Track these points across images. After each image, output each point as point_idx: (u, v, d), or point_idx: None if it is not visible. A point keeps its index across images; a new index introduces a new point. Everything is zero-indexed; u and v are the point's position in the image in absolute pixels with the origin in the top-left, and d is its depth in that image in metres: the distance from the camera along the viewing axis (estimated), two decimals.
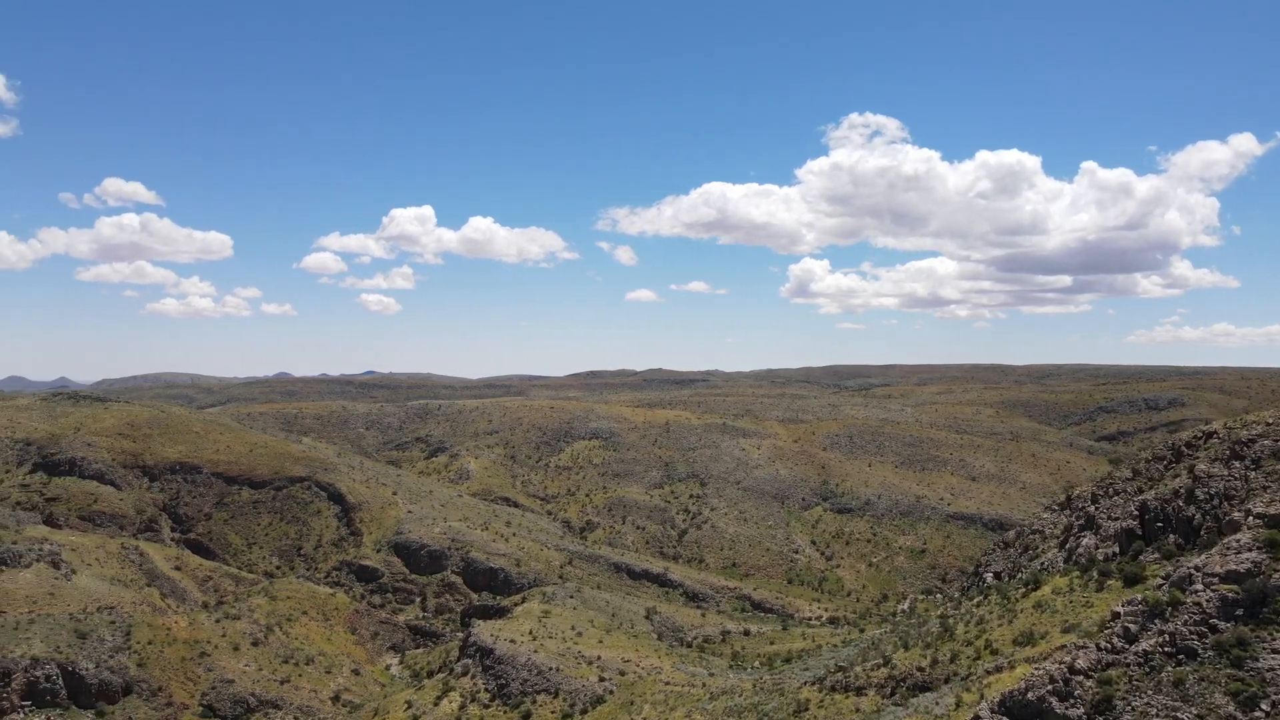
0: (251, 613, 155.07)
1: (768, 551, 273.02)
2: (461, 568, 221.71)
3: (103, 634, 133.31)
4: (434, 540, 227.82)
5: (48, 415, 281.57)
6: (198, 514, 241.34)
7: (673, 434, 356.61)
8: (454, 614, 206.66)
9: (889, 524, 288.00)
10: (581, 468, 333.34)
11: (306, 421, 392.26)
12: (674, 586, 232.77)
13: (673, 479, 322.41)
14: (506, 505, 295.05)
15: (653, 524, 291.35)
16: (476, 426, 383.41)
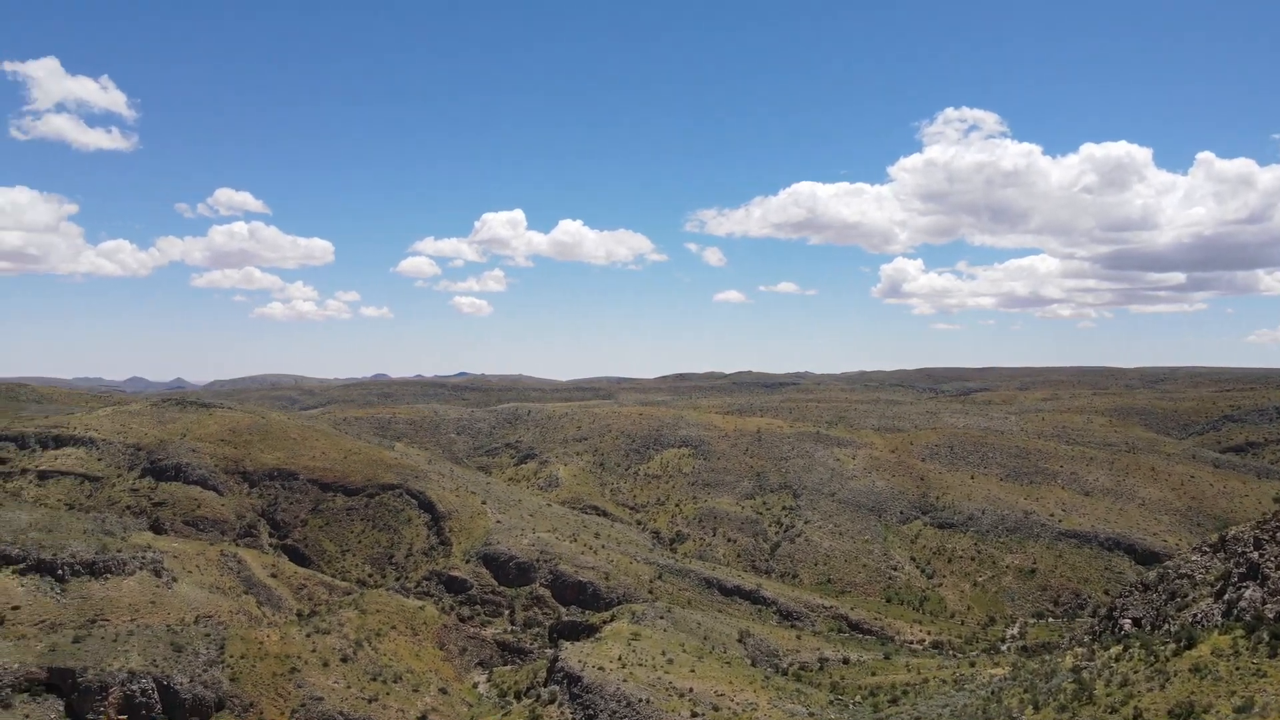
0: (341, 627, 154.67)
1: (864, 568, 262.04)
2: (550, 580, 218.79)
3: (198, 647, 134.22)
4: (522, 552, 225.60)
5: (156, 421, 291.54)
6: (294, 520, 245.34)
7: (764, 443, 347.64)
8: (542, 628, 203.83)
9: (994, 541, 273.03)
10: (671, 476, 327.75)
11: (400, 426, 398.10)
12: (767, 604, 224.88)
13: (764, 489, 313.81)
14: (595, 515, 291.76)
15: (744, 536, 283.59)
16: (565, 433, 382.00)
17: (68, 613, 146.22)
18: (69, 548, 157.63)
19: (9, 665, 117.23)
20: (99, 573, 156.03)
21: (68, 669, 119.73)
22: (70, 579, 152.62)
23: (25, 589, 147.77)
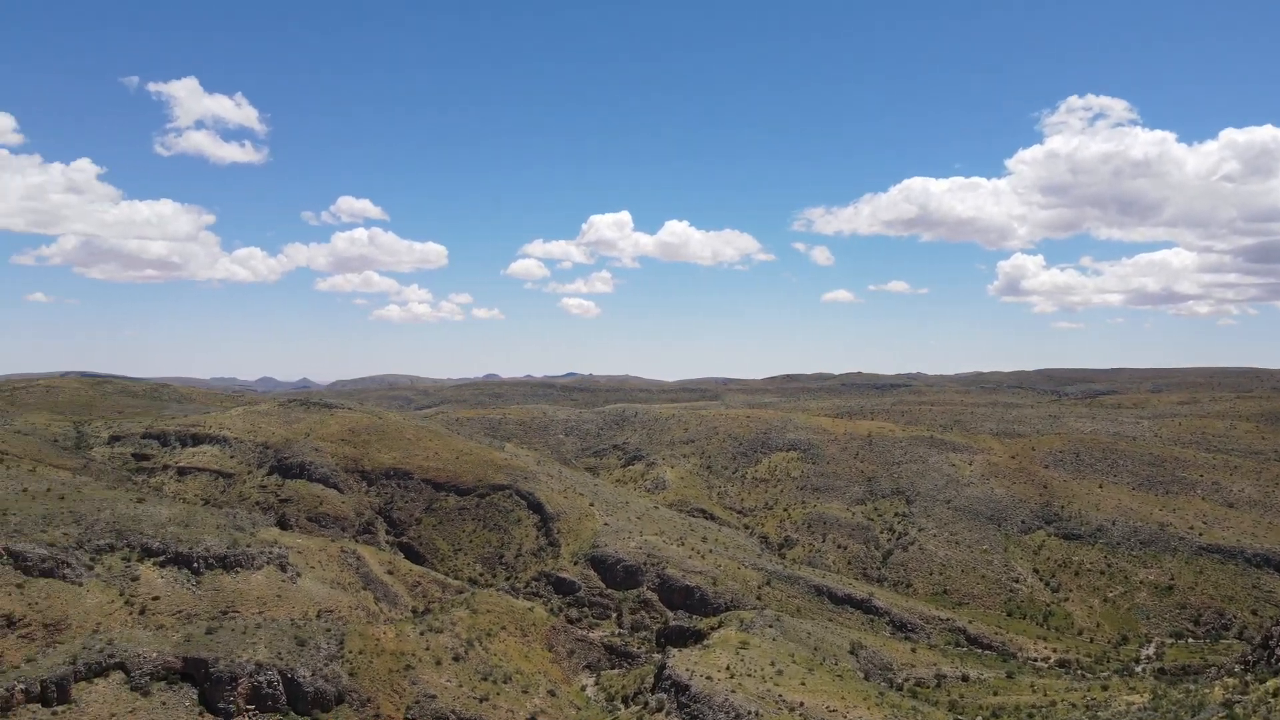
0: (453, 626, 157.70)
1: (983, 579, 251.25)
2: (657, 584, 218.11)
3: (319, 642, 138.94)
4: (630, 555, 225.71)
5: (283, 421, 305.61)
6: (409, 518, 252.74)
7: (875, 447, 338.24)
8: (649, 632, 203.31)
9: (1126, 554, 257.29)
10: (779, 480, 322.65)
11: (510, 427, 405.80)
12: (879, 614, 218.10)
13: (876, 495, 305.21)
14: (702, 518, 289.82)
15: (855, 543, 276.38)
16: (673, 435, 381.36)
17: (202, 604, 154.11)
18: (203, 542, 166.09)
19: (147, 654, 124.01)
20: (230, 566, 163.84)
21: (201, 659, 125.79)
22: (204, 572, 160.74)
23: (165, 580, 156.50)
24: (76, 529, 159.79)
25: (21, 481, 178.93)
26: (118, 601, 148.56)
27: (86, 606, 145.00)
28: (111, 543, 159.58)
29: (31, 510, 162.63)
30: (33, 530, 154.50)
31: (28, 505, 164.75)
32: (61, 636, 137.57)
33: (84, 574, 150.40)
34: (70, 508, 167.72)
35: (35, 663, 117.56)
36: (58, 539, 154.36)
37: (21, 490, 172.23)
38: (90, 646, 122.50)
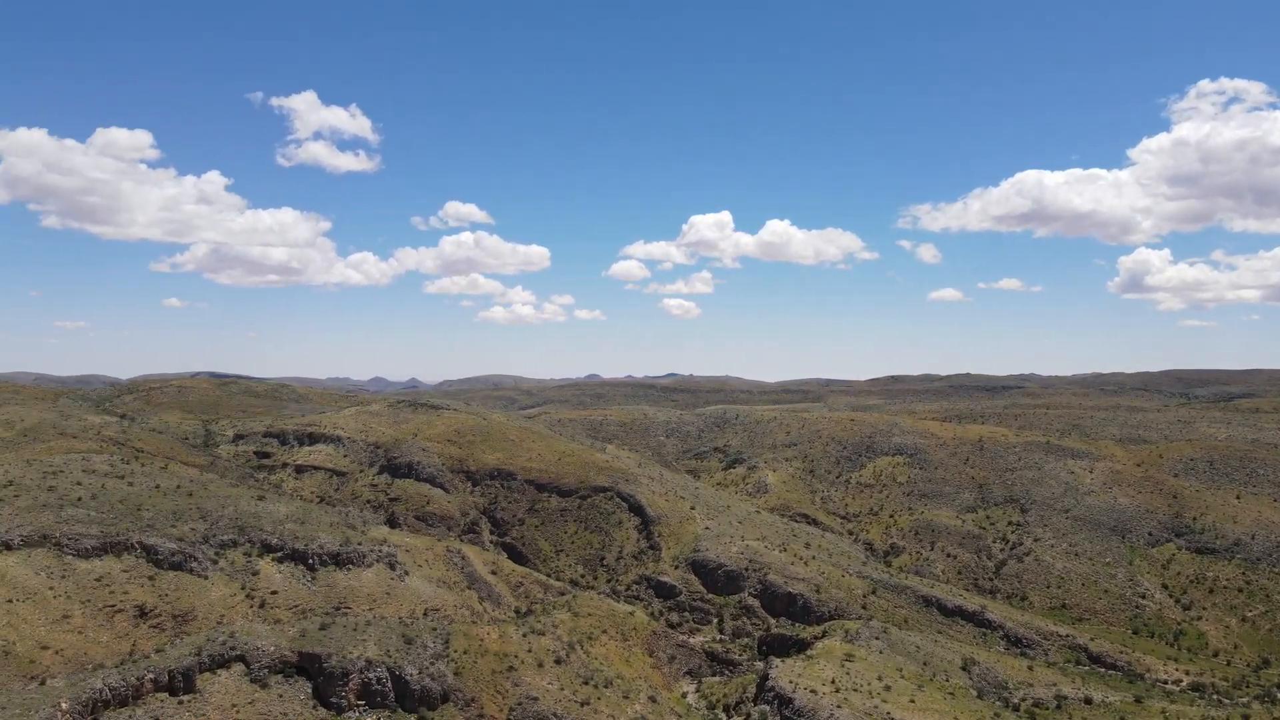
0: (555, 629, 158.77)
1: (1106, 594, 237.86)
2: (759, 590, 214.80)
3: (426, 641, 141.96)
4: (731, 560, 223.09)
5: (392, 421, 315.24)
6: (512, 519, 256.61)
7: (987, 452, 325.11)
8: (751, 639, 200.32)
9: (1268, 571, 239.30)
10: (885, 485, 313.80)
11: (611, 428, 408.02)
12: (992, 628, 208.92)
13: (988, 503, 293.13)
14: (805, 523, 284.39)
15: (965, 552, 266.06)
16: (774, 438, 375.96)
17: (316, 599, 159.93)
18: (318, 539, 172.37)
19: (265, 647, 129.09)
20: (342, 563, 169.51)
21: (315, 654, 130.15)
22: (319, 568, 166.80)
23: (282, 575, 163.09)
24: (203, 524, 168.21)
25: (155, 479, 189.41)
26: (239, 595, 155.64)
27: (211, 599, 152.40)
28: (234, 538, 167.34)
29: (163, 506, 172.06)
30: (164, 525, 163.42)
31: (160, 501, 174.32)
32: (189, 627, 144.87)
33: (209, 568, 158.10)
34: (197, 504, 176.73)
35: (164, 653, 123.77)
36: (186, 534, 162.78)
37: (154, 487, 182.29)
38: (214, 639, 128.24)
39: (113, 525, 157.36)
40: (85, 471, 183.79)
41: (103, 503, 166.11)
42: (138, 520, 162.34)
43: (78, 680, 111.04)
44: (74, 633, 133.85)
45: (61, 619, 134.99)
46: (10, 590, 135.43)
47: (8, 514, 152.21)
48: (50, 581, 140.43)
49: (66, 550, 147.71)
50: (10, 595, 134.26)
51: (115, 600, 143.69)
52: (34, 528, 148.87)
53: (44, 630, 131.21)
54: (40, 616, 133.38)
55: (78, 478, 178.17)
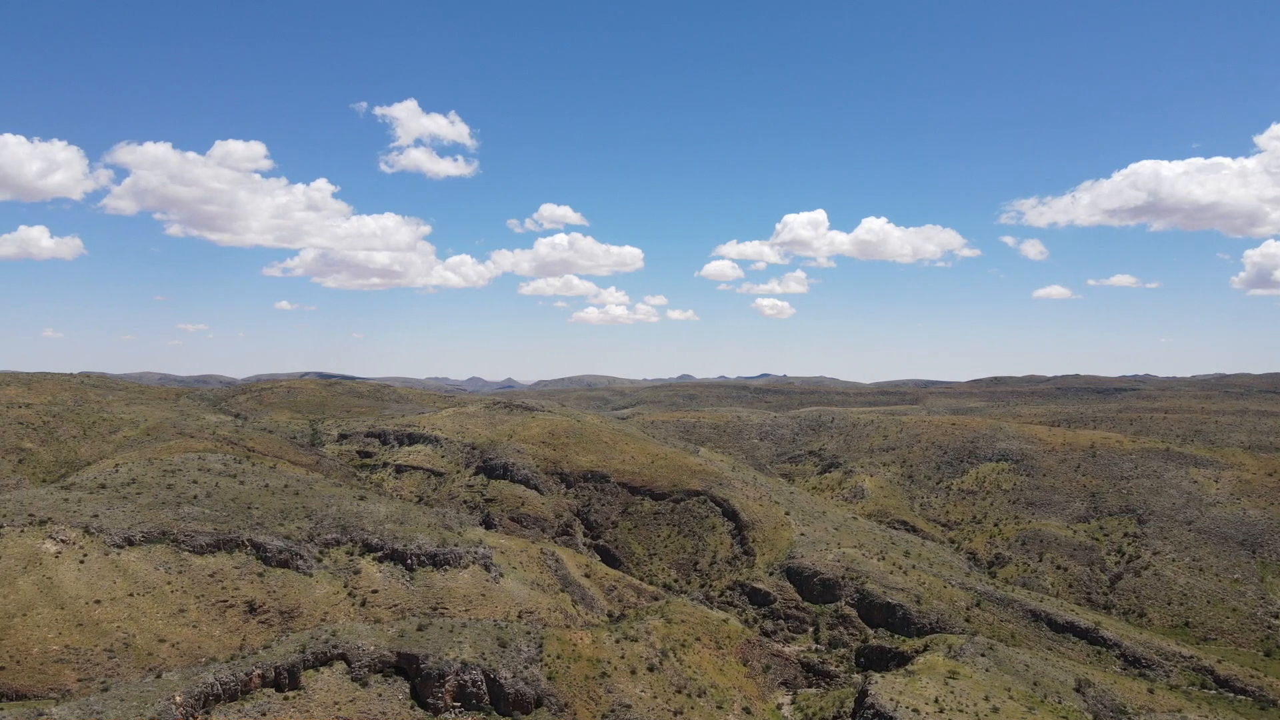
0: (648, 635, 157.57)
1: (1234, 612, 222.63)
2: (856, 599, 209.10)
3: (520, 644, 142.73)
4: (827, 568, 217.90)
5: (488, 422, 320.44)
6: (605, 521, 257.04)
7: (1100, 459, 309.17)
8: (848, 650, 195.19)
9: None
10: (988, 493, 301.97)
11: (704, 431, 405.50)
12: (1107, 646, 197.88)
13: (1100, 513, 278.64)
14: (904, 530, 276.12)
15: (1076, 564, 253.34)
16: (871, 442, 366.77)
17: (414, 599, 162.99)
18: (416, 540, 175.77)
19: (366, 647, 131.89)
20: (439, 564, 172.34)
21: (413, 655, 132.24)
22: (417, 568, 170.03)
23: (382, 575, 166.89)
24: (308, 523, 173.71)
25: (264, 478, 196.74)
26: (342, 593, 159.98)
27: (316, 596, 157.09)
28: (337, 537, 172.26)
29: (271, 505, 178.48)
30: (272, 524, 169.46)
31: (268, 500, 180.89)
32: (294, 624, 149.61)
33: (314, 566, 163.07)
34: (303, 503, 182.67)
35: (271, 649, 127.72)
36: (292, 532, 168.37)
37: (264, 486, 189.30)
38: (317, 637, 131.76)
39: (225, 523, 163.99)
40: (201, 470, 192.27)
41: (216, 501, 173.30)
42: (248, 518, 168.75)
43: (191, 674, 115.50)
44: (189, 626, 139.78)
45: (178, 613, 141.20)
46: (131, 584, 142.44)
47: (130, 511, 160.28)
48: (168, 576, 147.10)
49: (183, 546, 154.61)
50: (131, 589, 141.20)
51: (227, 596, 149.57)
52: (153, 524, 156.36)
53: (161, 623, 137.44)
54: (158, 610, 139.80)
55: (194, 476, 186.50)
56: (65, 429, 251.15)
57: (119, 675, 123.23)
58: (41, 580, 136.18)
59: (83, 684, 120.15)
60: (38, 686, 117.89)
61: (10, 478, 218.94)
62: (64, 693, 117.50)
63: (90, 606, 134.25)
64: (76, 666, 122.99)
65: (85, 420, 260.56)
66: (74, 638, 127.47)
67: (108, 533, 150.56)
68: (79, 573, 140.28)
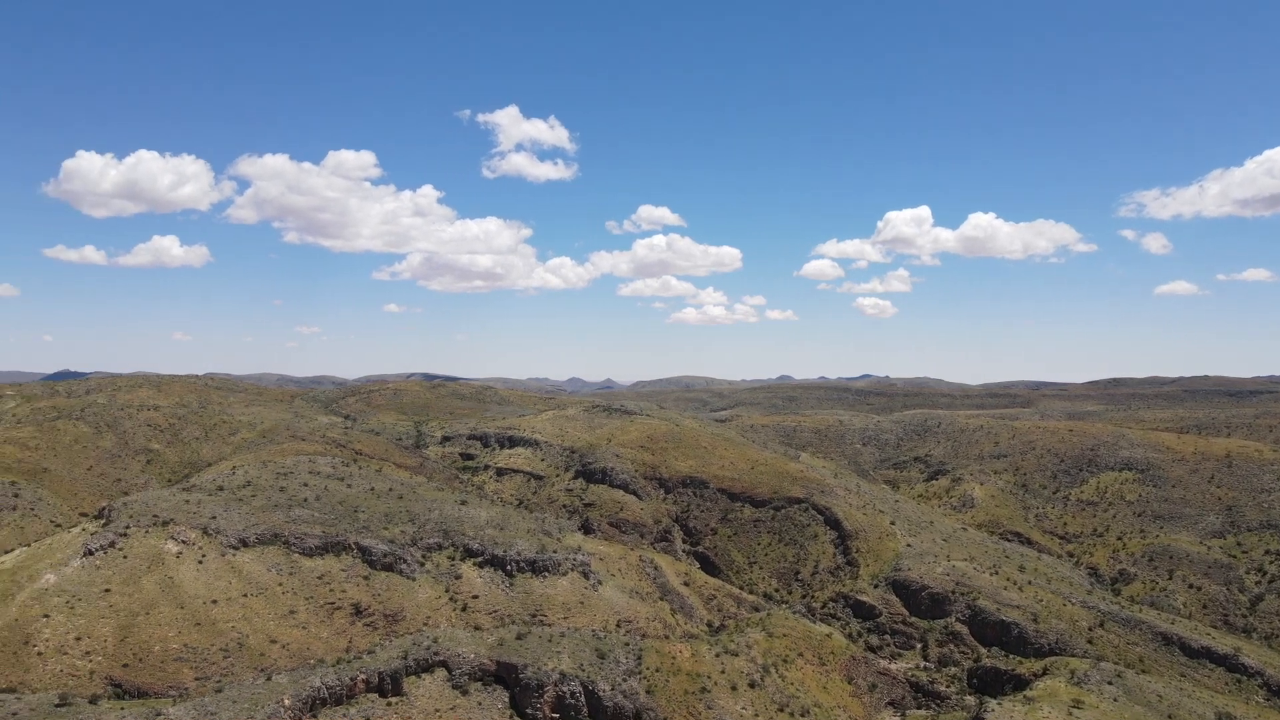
0: (749, 649, 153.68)
1: None
2: (967, 616, 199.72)
3: (618, 655, 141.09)
4: (936, 581, 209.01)
5: (587, 425, 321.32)
6: (704, 528, 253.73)
7: (1237, 469, 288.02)
8: (959, 669, 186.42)
9: None
10: (1111, 504, 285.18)
11: (805, 435, 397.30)
12: (1248, 674, 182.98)
13: (1239, 528, 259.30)
14: (1018, 543, 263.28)
15: (1211, 583, 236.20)
16: (981, 448, 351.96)
17: (514, 605, 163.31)
18: (516, 545, 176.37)
19: (466, 654, 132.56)
20: (539, 570, 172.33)
21: (512, 664, 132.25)
22: (516, 574, 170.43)
23: (483, 580, 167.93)
24: (411, 527, 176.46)
25: (370, 481, 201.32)
26: (443, 598, 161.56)
27: (419, 600, 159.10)
28: (439, 541, 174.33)
29: (377, 508, 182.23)
30: (377, 527, 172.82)
31: (374, 503, 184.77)
32: (398, 627, 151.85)
33: (417, 570, 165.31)
34: (407, 507, 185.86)
35: (374, 654, 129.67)
36: (396, 536, 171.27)
37: (369, 489, 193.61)
38: (419, 643, 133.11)
39: (333, 526, 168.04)
40: (311, 473, 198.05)
41: (325, 504, 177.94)
42: (354, 522, 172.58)
43: (299, 677, 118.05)
44: (298, 628, 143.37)
45: (288, 614, 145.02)
46: (245, 585, 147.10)
47: (245, 513, 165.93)
48: (279, 578, 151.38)
49: (293, 548, 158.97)
50: (245, 590, 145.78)
51: (334, 598, 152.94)
52: (266, 526, 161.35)
53: (273, 624, 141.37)
54: (270, 611, 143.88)
55: (304, 479, 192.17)
56: (189, 431, 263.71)
57: (233, 675, 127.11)
58: (163, 580, 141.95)
59: (199, 683, 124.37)
60: (158, 684, 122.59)
61: (140, 477, 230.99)
62: (182, 691, 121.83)
63: (207, 606, 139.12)
64: (194, 665, 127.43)
65: (207, 423, 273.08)
66: (192, 637, 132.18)
67: (224, 534, 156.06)
68: (198, 573, 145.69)
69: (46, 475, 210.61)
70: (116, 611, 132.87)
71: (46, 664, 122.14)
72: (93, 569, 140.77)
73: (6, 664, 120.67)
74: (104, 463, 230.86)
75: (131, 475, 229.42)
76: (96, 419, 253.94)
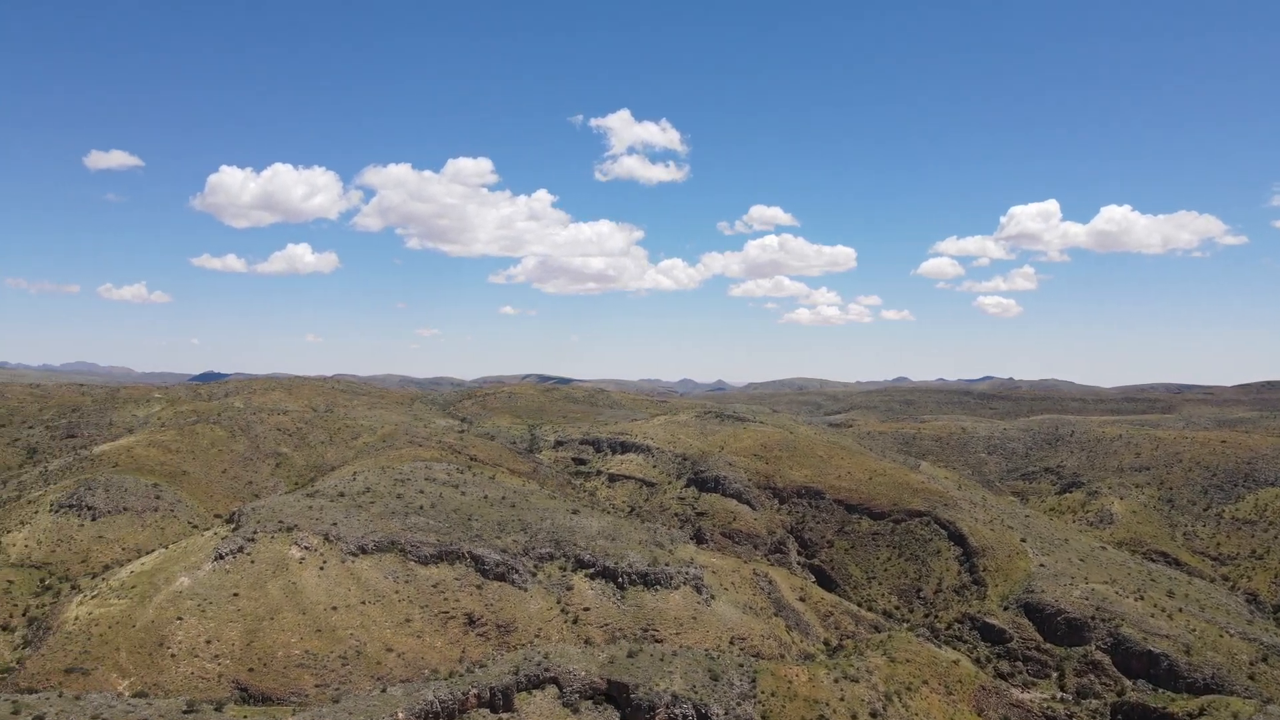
0: (870, 675, 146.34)
1: None
2: (1109, 644, 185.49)
3: (732, 677, 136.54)
4: (1073, 606, 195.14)
5: (700, 432, 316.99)
6: (820, 540, 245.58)
7: None
8: (1100, 703, 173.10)
9: None
10: (1272, 523, 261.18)
11: (925, 443, 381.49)
12: None
13: None
14: (1164, 564, 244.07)
15: None
16: (1120, 459, 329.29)
17: (625, 619, 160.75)
18: (627, 557, 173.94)
19: (577, 672, 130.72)
20: (650, 584, 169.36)
21: (623, 683, 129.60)
22: (628, 587, 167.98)
23: (594, 592, 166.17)
24: (523, 537, 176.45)
25: (483, 488, 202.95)
26: (555, 609, 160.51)
27: (530, 611, 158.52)
28: (551, 552, 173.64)
29: (490, 516, 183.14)
30: (490, 536, 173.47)
31: (487, 512, 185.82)
32: (510, 638, 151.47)
33: (529, 580, 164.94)
34: (519, 516, 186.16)
35: (486, 669, 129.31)
36: (509, 545, 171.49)
37: (483, 497, 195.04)
38: (530, 658, 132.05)
39: (447, 534, 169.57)
40: (427, 480, 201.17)
41: (440, 512, 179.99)
42: (468, 530, 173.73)
43: (412, 690, 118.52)
44: (413, 637, 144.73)
45: (404, 622, 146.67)
46: (364, 592, 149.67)
47: (364, 520, 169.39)
48: (395, 586, 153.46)
49: (410, 556, 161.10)
50: (363, 597, 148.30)
51: (448, 607, 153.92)
52: (384, 534, 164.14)
53: (389, 632, 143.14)
54: (386, 619, 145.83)
55: (421, 486, 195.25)
56: (315, 435, 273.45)
57: (350, 683, 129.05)
58: (287, 585, 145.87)
59: (319, 690, 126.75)
60: (280, 690, 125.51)
61: (269, 480, 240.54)
62: (302, 698, 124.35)
63: (328, 613, 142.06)
64: (314, 672, 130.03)
65: (332, 426, 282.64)
66: (313, 643, 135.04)
67: (344, 541, 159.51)
68: (319, 579, 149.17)
69: (185, 478, 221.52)
70: (244, 616, 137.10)
71: (179, 665, 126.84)
72: (223, 573, 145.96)
73: (143, 665, 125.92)
74: (237, 465, 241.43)
75: (262, 478, 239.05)
76: (231, 423, 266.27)
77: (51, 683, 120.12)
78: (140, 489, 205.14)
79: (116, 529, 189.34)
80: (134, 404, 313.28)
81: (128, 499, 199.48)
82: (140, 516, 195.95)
